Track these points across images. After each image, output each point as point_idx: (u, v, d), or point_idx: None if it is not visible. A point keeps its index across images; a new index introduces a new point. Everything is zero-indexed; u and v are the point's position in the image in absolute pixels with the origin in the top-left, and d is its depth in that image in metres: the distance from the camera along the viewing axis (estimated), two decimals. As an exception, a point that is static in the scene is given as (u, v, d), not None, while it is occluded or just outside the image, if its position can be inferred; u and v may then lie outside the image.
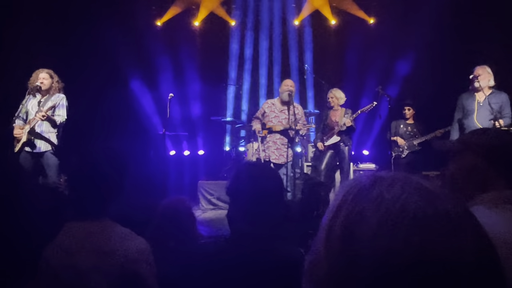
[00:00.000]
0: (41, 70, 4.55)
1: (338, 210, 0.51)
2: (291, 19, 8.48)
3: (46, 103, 4.45)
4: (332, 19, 8.22)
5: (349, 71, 7.66)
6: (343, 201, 0.52)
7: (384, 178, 0.52)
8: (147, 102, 7.86)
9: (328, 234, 0.50)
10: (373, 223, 0.47)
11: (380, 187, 0.50)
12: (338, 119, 5.62)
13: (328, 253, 0.49)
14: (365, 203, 0.49)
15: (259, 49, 8.55)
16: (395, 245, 0.45)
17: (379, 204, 0.48)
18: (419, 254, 0.44)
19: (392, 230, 0.46)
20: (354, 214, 0.49)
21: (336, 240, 0.49)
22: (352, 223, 0.48)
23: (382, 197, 0.49)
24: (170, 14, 8.21)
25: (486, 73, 4.52)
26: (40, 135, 4.42)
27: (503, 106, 4.44)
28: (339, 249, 0.48)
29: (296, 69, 8.42)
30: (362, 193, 0.51)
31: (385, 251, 0.45)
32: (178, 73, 7.83)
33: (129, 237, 1.39)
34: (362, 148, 7.70)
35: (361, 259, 0.46)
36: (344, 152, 5.60)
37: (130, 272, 1.32)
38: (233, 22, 8.46)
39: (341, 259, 0.47)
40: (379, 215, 0.47)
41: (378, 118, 5.71)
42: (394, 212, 0.47)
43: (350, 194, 0.52)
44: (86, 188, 1.40)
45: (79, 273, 1.30)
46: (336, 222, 0.50)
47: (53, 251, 1.35)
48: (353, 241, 0.47)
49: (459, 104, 4.73)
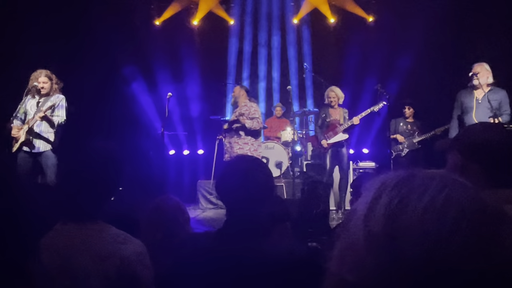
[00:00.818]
0: (40, 72, 4.51)
1: (376, 200, 0.51)
2: (290, 17, 8.47)
3: (45, 103, 4.44)
4: (331, 18, 8.21)
5: (348, 70, 7.65)
6: (380, 191, 0.52)
7: (422, 171, 0.54)
8: (146, 101, 7.85)
9: (367, 220, 0.51)
10: (419, 209, 0.48)
11: (420, 178, 0.51)
12: (339, 118, 5.61)
13: (368, 238, 0.50)
14: (407, 190, 0.50)
15: (258, 48, 8.55)
16: (442, 232, 0.46)
17: (423, 193, 0.49)
18: (465, 244, 0.46)
19: (438, 218, 0.47)
20: (397, 201, 0.50)
21: (379, 225, 0.49)
22: (396, 209, 0.49)
23: (426, 186, 0.50)
24: (169, 13, 8.19)
25: (484, 70, 4.51)
26: (39, 135, 4.41)
27: (502, 103, 4.43)
28: (382, 234, 0.48)
29: (295, 67, 8.41)
30: (402, 182, 0.52)
31: (431, 237, 0.46)
32: (177, 72, 7.82)
33: (125, 240, 1.37)
34: (362, 147, 7.69)
35: (406, 243, 0.47)
36: (344, 150, 5.61)
37: (126, 275, 1.31)
38: (232, 21, 8.44)
39: (384, 243, 0.48)
40: (425, 202, 0.48)
41: (377, 116, 5.71)
42: (439, 201, 0.48)
43: (388, 185, 0.52)
44: (80, 189, 1.37)
45: (74, 276, 1.28)
46: (376, 209, 0.51)
47: (47, 253, 1.33)
48: (398, 225, 0.48)
49: (457, 101, 4.72)
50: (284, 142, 6.63)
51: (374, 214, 0.50)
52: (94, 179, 1.39)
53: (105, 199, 1.45)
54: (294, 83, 8.29)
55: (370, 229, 0.50)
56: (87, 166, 1.40)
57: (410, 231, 0.47)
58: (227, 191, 1.41)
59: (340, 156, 5.61)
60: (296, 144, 6.42)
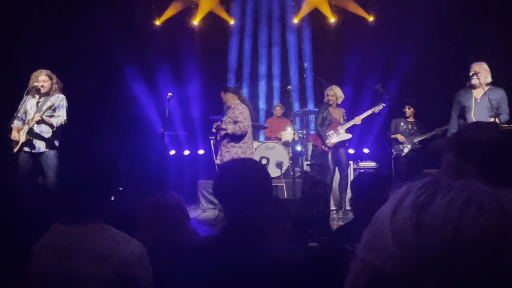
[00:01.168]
0: (40, 71, 4.51)
1: (404, 197, 0.56)
2: (290, 17, 8.47)
3: (45, 103, 4.44)
4: (332, 17, 8.20)
5: (348, 69, 7.64)
6: (407, 191, 0.57)
7: (445, 177, 0.59)
8: (146, 101, 7.85)
9: (394, 213, 0.55)
10: (444, 203, 0.52)
11: (445, 181, 0.56)
12: (339, 117, 5.60)
13: (396, 230, 0.54)
14: (434, 189, 0.55)
15: (258, 48, 8.54)
16: (463, 224, 0.50)
17: (448, 191, 0.54)
18: (483, 236, 0.50)
19: (461, 210, 0.51)
20: (423, 197, 0.54)
21: (405, 219, 0.53)
22: (422, 203, 0.53)
23: (450, 186, 0.55)
24: (169, 14, 8.19)
25: (483, 69, 4.50)
26: (40, 135, 4.40)
27: (500, 103, 4.42)
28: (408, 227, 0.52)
29: (296, 67, 8.40)
30: (429, 183, 0.56)
31: (452, 228, 0.50)
32: (177, 72, 7.82)
33: (123, 240, 1.37)
34: (363, 147, 7.68)
35: (431, 234, 0.51)
36: (343, 150, 5.60)
37: (125, 275, 1.30)
38: (232, 21, 8.44)
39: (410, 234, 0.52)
40: (449, 198, 0.53)
41: (377, 116, 5.71)
42: (462, 198, 0.53)
43: (415, 186, 0.57)
44: (78, 188, 1.37)
45: (73, 276, 1.28)
46: (403, 204, 0.55)
47: (46, 253, 1.33)
48: (424, 218, 0.52)
49: (456, 101, 4.71)
50: (285, 142, 6.63)
51: (401, 206, 0.55)
52: (92, 178, 1.38)
53: (104, 199, 1.44)
54: (295, 83, 8.28)
55: (397, 219, 0.54)
56: (85, 166, 1.40)
57: (433, 221, 0.51)
58: (225, 194, 1.41)
59: (340, 156, 5.60)
60: (297, 144, 6.42)
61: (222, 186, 1.42)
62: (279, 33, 8.51)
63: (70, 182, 1.39)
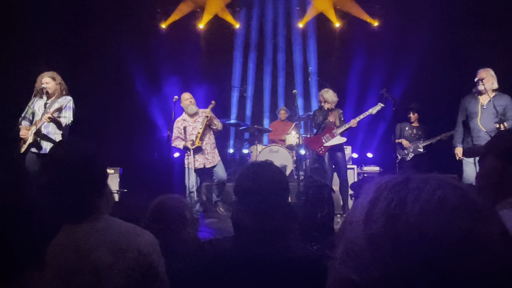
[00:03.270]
0: (44, 74, 4.58)
1: (375, 202, 0.54)
2: (295, 21, 8.50)
3: (52, 104, 4.48)
4: (337, 22, 8.23)
5: (353, 74, 7.66)
6: (378, 194, 0.54)
7: (416, 175, 0.56)
8: (152, 104, 7.89)
9: (367, 223, 0.53)
10: (416, 211, 0.50)
11: (415, 182, 0.54)
12: (334, 120, 5.54)
13: (370, 241, 0.52)
14: (404, 193, 0.52)
15: (263, 52, 8.58)
16: (438, 231, 0.49)
17: (419, 194, 0.52)
18: (459, 241, 0.48)
19: (434, 218, 0.49)
20: (395, 203, 0.52)
21: (379, 227, 0.51)
22: (394, 211, 0.51)
23: (421, 189, 0.52)
24: (175, 17, 8.25)
25: (489, 76, 4.49)
26: (47, 136, 4.45)
27: (506, 109, 4.41)
28: (383, 236, 0.51)
29: (300, 71, 8.43)
30: (398, 186, 0.54)
31: (428, 237, 0.48)
32: (183, 75, 7.86)
33: (137, 231, 1.44)
34: (366, 151, 7.68)
35: (406, 244, 0.49)
36: (340, 153, 5.54)
37: (145, 265, 1.37)
38: (238, 24, 8.49)
39: (385, 245, 0.50)
40: (421, 204, 0.51)
41: (382, 121, 5.68)
42: (434, 202, 0.51)
43: (385, 188, 0.55)
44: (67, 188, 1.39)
45: (97, 271, 1.32)
46: (375, 212, 0.53)
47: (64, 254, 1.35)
48: (397, 227, 0.50)
49: (462, 107, 4.70)
50: (289, 146, 6.64)
51: (373, 215, 0.52)
52: (87, 175, 1.40)
53: (101, 192, 1.46)
54: (299, 87, 8.30)
55: (371, 231, 0.52)
56: (77, 165, 1.41)
57: (409, 231, 0.49)
58: (246, 193, 1.46)
59: (338, 159, 5.54)
60: (301, 147, 6.42)
61: (245, 185, 1.47)
62: (284, 37, 8.55)
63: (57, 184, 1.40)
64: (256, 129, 7.00)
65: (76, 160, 1.41)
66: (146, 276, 1.38)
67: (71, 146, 1.50)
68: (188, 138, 5.34)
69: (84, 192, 1.40)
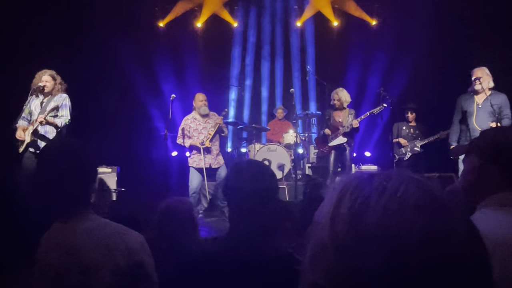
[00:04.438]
0: (44, 71, 4.55)
1: (339, 202, 0.53)
2: (293, 20, 8.50)
3: (49, 103, 4.46)
4: (334, 21, 8.23)
5: (351, 73, 7.66)
6: (343, 193, 0.53)
7: (380, 172, 0.55)
8: (149, 103, 7.87)
9: (332, 224, 0.52)
10: (379, 210, 0.49)
11: (379, 179, 0.53)
12: (342, 120, 5.58)
13: (335, 242, 0.51)
14: (368, 192, 0.51)
15: (261, 50, 8.57)
16: (401, 230, 0.47)
17: (382, 192, 0.50)
18: (422, 238, 0.47)
19: (397, 216, 0.48)
20: (358, 203, 0.51)
21: (343, 228, 0.50)
22: (358, 211, 0.50)
23: (384, 187, 0.51)
24: (173, 16, 8.23)
25: (485, 74, 4.49)
26: (44, 136, 4.42)
27: (502, 107, 4.41)
28: (348, 237, 0.50)
29: (298, 70, 8.43)
30: (363, 184, 0.53)
31: (392, 236, 0.47)
32: (180, 74, 7.85)
33: (126, 231, 1.44)
34: (364, 150, 7.69)
35: (371, 244, 0.48)
36: (346, 153, 5.58)
37: (134, 263, 1.38)
38: (236, 23, 8.48)
39: (350, 246, 0.49)
40: (384, 202, 0.49)
41: (379, 120, 5.69)
42: (396, 200, 0.49)
43: (350, 186, 0.53)
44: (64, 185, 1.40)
45: (86, 270, 1.33)
46: (340, 212, 0.52)
47: (55, 252, 1.36)
48: (361, 227, 0.49)
49: (458, 106, 4.70)
50: (287, 145, 6.64)
51: (338, 218, 0.51)
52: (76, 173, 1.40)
53: (89, 191, 1.48)
54: (297, 86, 8.30)
55: (335, 234, 0.51)
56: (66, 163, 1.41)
57: (372, 232, 0.48)
58: (234, 193, 1.45)
59: (343, 158, 5.59)
60: (299, 146, 6.43)
61: (232, 185, 1.47)
62: (282, 36, 8.54)
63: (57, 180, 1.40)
64: (254, 128, 6.99)
65: (64, 157, 1.41)
66: (135, 275, 1.38)
67: (61, 143, 1.51)
68: (198, 137, 5.48)
69: (72, 189, 1.40)
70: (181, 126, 5.55)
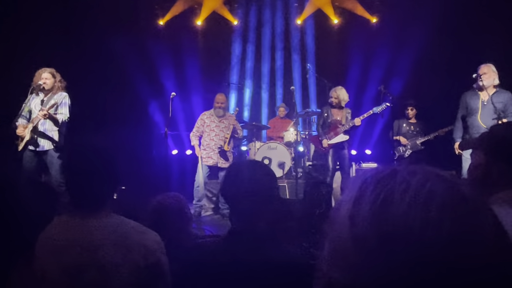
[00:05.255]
0: (44, 69, 4.56)
1: (359, 199, 0.51)
2: (293, 18, 8.48)
3: (48, 101, 4.46)
4: (335, 18, 8.21)
5: (351, 70, 7.65)
6: (362, 190, 0.52)
7: (403, 168, 0.53)
8: (150, 101, 7.87)
9: (352, 221, 0.50)
10: (404, 206, 0.48)
11: (402, 175, 0.51)
12: (341, 118, 5.58)
13: (355, 240, 0.49)
14: (391, 188, 0.50)
15: (261, 48, 8.56)
16: (427, 230, 0.46)
17: (407, 189, 0.49)
18: (449, 240, 0.46)
19: (423, 212, 0.47)
20: (381, 199, 0.49)
21: (366, 226, 0.49)
22: (380, 208, 0.49)
23: (408, 183, 0.49)
24: (173, 13, 8.21)
25: (491, 71, 4.44)
26: (44, 134, 4.43)
27: (507, 105, 4.37)
28: (369, 234, 0.48)
29: (299, 68, 8.41)
30: (384, 180, 0.51)
31: (416, 235, 0.46)
32: (180, 72, 7.84)
33: (143, 230, 1.46)
34: (365, 148, 7.68)
35: (393, 242, 0.47)
36: (345, 151, 5.58)
37: (152, 262, 1.40)
38: (236, 21, 8.46)
39: (371, 243, 0.48)
40: (409, 198, 0.48)
41: (380, 118, 5.68)
42: (422, 196, 0.48)
43: (370, 183, 0.52)
44: (84, 183, 1.42)
45: (105, 267, 1.33)
46: (361, 210, 0.50)
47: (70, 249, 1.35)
48: (384, 225, 0.48)
49: (462, 102, 4.66)
50: (287, 143, 6.63)
51: (359, 214, 0.50)
52: (99, 171, 1.43)
53: (112, 190, 1.51)
54: (297, 84, 8.29)
55: (357, 231, 0.49)
56: (92, 160, 1.44)
57: (396, 229, 0.47)
58: (232, 195, 1.44)
59: (341, 157, 5.57)
60: (299, 144, 6.42)
61: (230, 187, 1.45)
62: (282, 33, 8.52)
63: (80, 176, 1.43)
64: (254, 126, 6.98)
65: (101, 160, 1.47)
66: (152, 274, 1.39)
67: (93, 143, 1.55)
68: (208, 134, 5.70)
69: (101, 189, 1.44)
70: (198, 120, 5.80)
